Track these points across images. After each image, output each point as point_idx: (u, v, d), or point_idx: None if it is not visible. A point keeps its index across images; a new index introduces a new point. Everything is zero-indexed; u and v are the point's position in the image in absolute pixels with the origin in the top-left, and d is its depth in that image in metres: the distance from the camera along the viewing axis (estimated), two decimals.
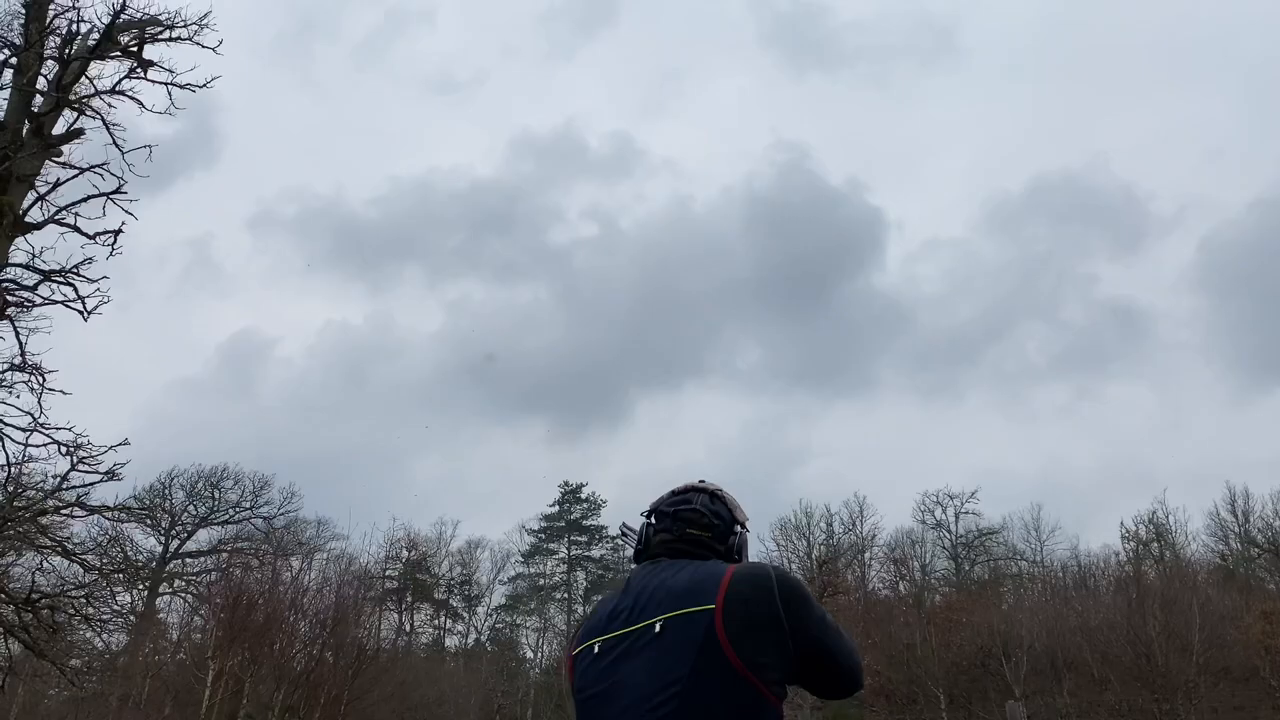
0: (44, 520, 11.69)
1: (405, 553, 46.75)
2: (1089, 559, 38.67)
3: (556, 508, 49.35)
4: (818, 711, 19.24)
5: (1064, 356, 69.08)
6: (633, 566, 2.09)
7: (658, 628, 1.86)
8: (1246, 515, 39.99)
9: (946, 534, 40.74)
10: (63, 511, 11.76)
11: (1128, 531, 39.67)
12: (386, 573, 45.56)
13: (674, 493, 2.18)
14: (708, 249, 78.66)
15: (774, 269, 76.51)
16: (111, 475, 11.58)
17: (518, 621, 46.50)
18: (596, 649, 1.93)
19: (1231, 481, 61.85)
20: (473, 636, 45.81)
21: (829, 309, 75.04)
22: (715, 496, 2.15)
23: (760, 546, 61.67)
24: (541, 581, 47.34)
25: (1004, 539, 40.95)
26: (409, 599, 45.95)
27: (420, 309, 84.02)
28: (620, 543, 48.60)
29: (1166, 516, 40.16)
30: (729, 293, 76.38)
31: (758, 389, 74.10)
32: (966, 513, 40.79)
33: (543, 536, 48.69)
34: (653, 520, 2.13)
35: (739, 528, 2.12)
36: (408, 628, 44.41)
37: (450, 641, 45.56)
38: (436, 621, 46.49)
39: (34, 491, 12.02)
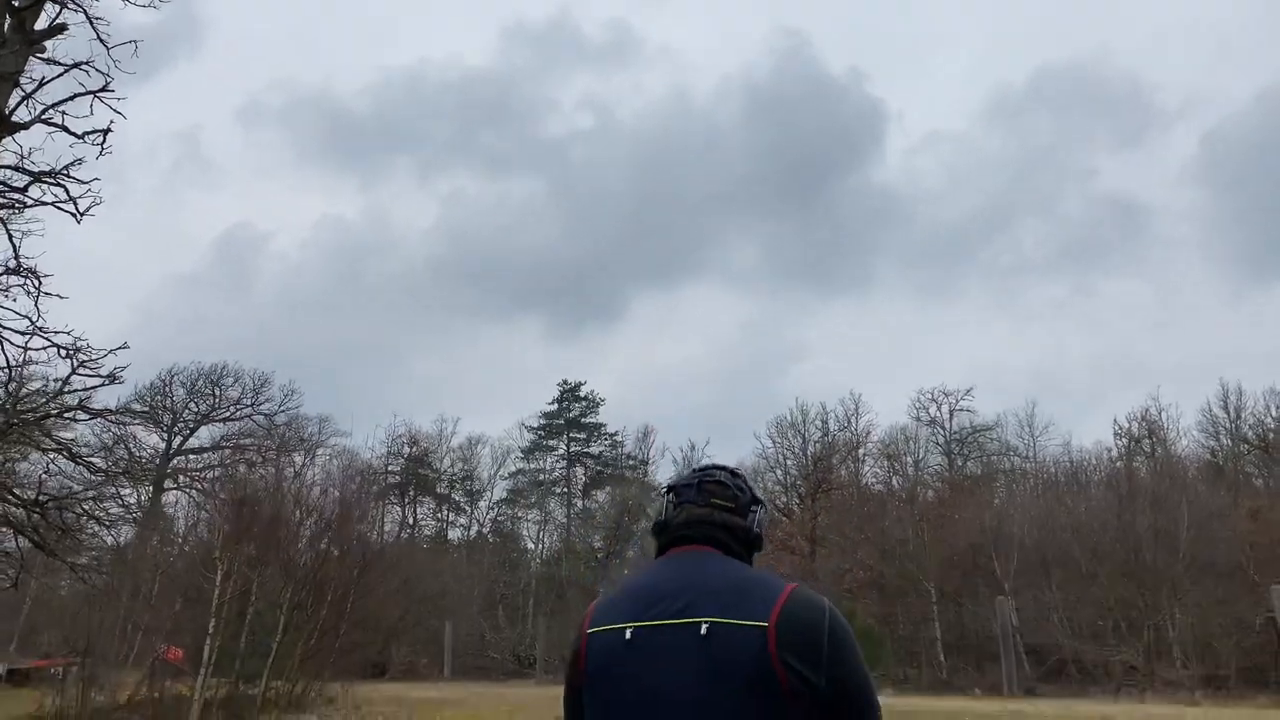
0: (47, 424, 11.76)
1: (407, 449, 47.36)
2: (1081, 455, 39.24)
3: (555, 405, 49.76)
4: None
5: (1061, 252, 68.61)
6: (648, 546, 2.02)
7: (704, 629, 1.76)
8: (1238, 412, 40.36)
9: (940, 431, 41.19)
10: (65, 415, 11.81)
11: (1120, 428, 40.12)
12: (389, 468, 46.24)
13: (694, 470, 2.13)
14: (706, 142, 77.34)
15: (772, 163, 75.41)
16: (112, 379, 11.60)
17: (518, 515, 47.33)
18: (629, 635, 1.82)
19: (1225, 378, 62.40)
20: (475, 529, 46.71)
21: (827, 204, 74.23)
22: (735, 473, 2.09)
23: (756, 444, 62.38)
24: (542, 477, 48.02)
25: (997, 435, 41.43)
26: (411, 494, 46.72)
27: (413, 203, 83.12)
28: (618, 442, 49.28)
29: (1159, 413, 40.56)
30: (726, 188, 75.44)
31: (755, 287, 73.90)
32: (961, 410, 41.18)
33: (542, 434, 49.20)
34: (673, 496, 2.06)
35: (758, 506, 2.05)
36: (410, 522, 45.26)
37: (453, 534, 46.49)
38: (439, 515, 47.38)
39: (36, 396, 12.06)
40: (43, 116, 11.45)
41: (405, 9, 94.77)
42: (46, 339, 11.45)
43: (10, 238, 11.38)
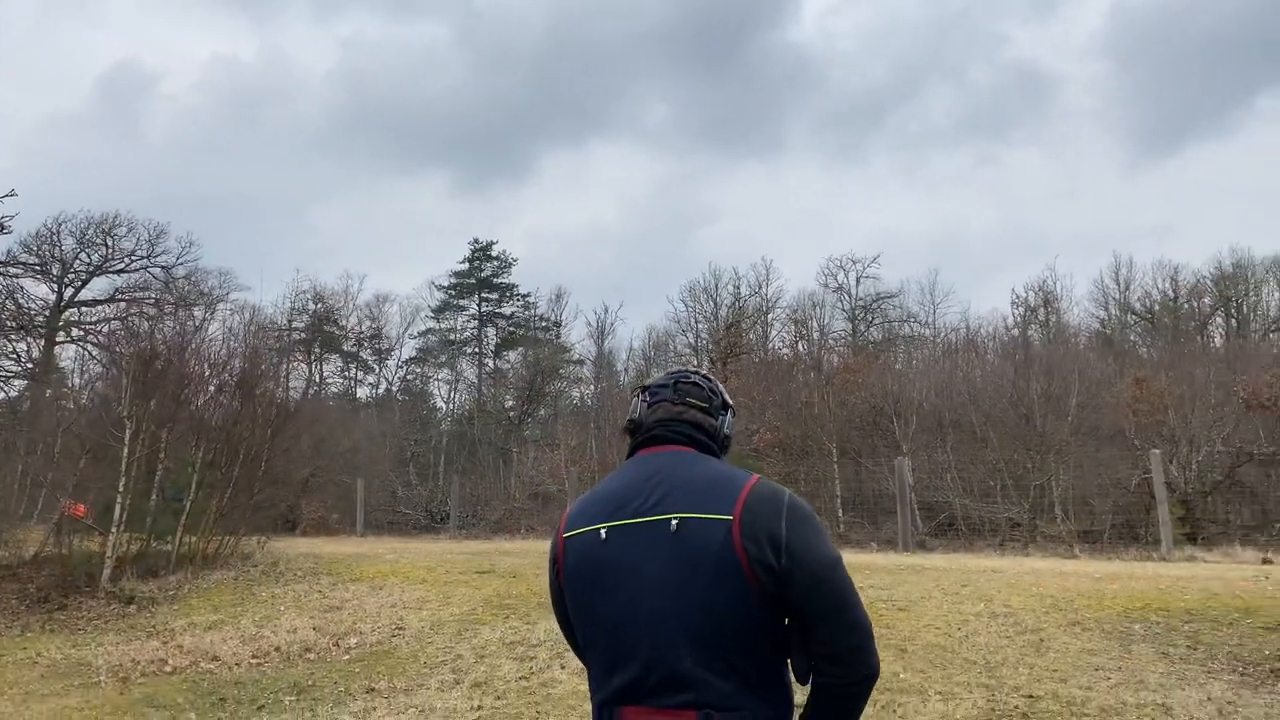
0: None
1: (312, 305, 46.40)
2: (978, 322, 40.69)
3: (466, 265, 49.06)
4: None
5: (967, 120, 69.29)
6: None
7: (674, 524, 1.84)
8: (1128, 284, 42.22)
9: (847, 297, 42.12)
10: None
11: (1018, 298, 41.63)
12: (293, 325, 45.33)
13: (668, 371, 2.16)
14: None
15: (686, 17, 73.59)
16: (1, 228, 11.02)
17: (428, 374, 47.16)
18: (604, 534, 1.90)
19: (1118, 250, 64.73)
20: (383, 387, 46.45)
21: (741, 64, 73.09)
22: (707, 376, 2.15)
23: (669, 308, 62.67)
24: (453, 337, 47.72)
25: (900, 303, 42.59)
26: (317, 351, 46.01)
27: (312, 46, 79.09)
28: (530, 303, 49.01)
29: (1055, 284, 42.16)
30: (638, 42, 73.55)
31: (666, 146, 73.07)
32: (867, 277, 42.06)
33: (453, 293, 48.62)
34: (646, 395, 2.10)
35: (729, 410, 2.13)
36: (317, 379, 44.76)
37: (361, 392, 46.18)
38: (347, 373, 46.90)
39: None
40: None
41: None
42: None
43: None
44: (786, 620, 1.86)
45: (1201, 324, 40.24)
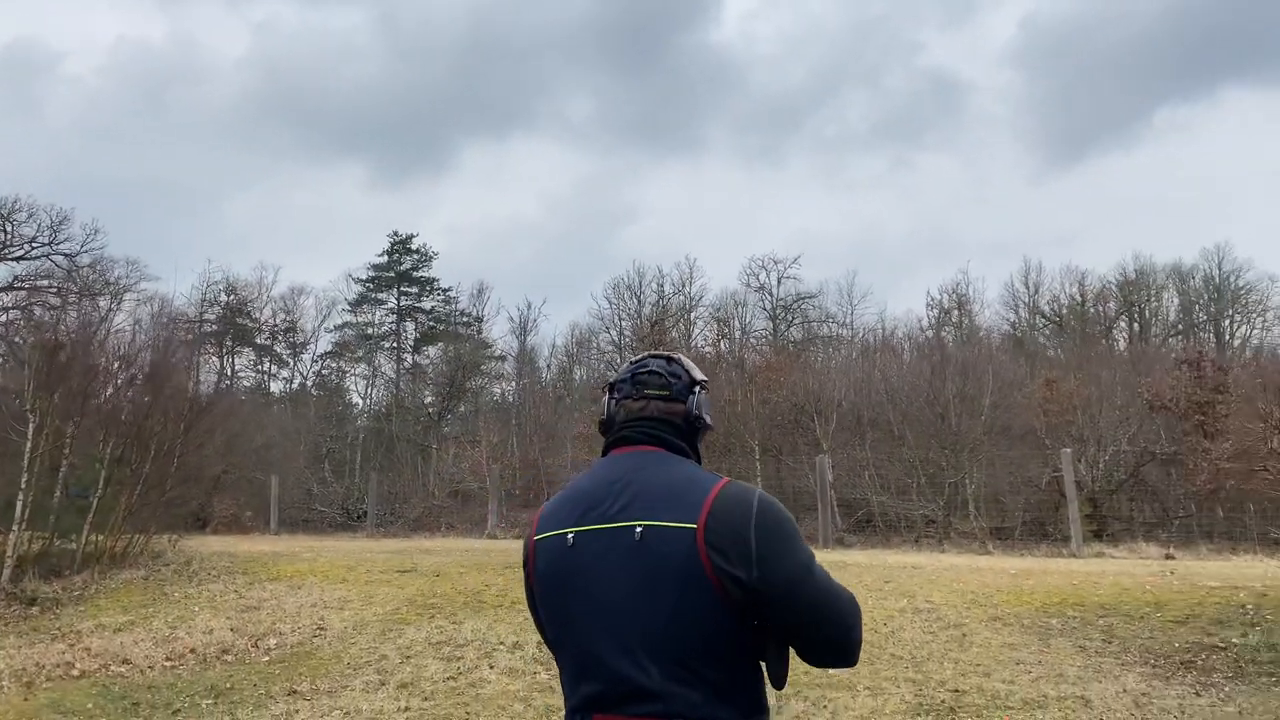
0: None
1: (224, 297, 45.17)
2: (894, 323, 41.55)
3: (385, 258, 48.23)
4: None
5: (883, 125, 70.65)
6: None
7: (638, 532, 1.79)
8: (1037, 288, 43.59)
9: (768, 297, 42.59)
10: None
11: (932, 300, 42.62)
12: (204, 317, 44.05)
13: (630, 363, 2.10)
14: None
15: (610, 12, 73.62)
16: None
17: (345, 369, 46.25)
18: (571, 539, 1.85)
19: (1028, 255, 66.71)
20: (298, 382, 45.43)
21: (663, 62, 73.39)
22: (671, 359, 2.07)
23: (593, 304, 62.58)
24: (370, 331, 46.87)
25: (819, 303, 43.25)
26: (229, 344, 44.80)
27: (224, 30, 76.96)
28: (451, 298, 48.40)
29: (968, 286, 43.28)
30: (562, 36, 73.30)
31: (589, 142, 72.99)
32: (788, 277, 42.60)
33: (371, 286, 47.77)
34: (613, 393, 2.04)
35: (698, 387, 2.05)
36: (229, 373, 43.57)
37: (274, 387, 45.09)
38: (260, 367, 45.75)
39: None
40: None
41: None
42: None
43: None
44: (757, 622, 1.80)
45: (1107, 328, 41.73)
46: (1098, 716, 5.54)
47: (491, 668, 7.15)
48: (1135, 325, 42.55)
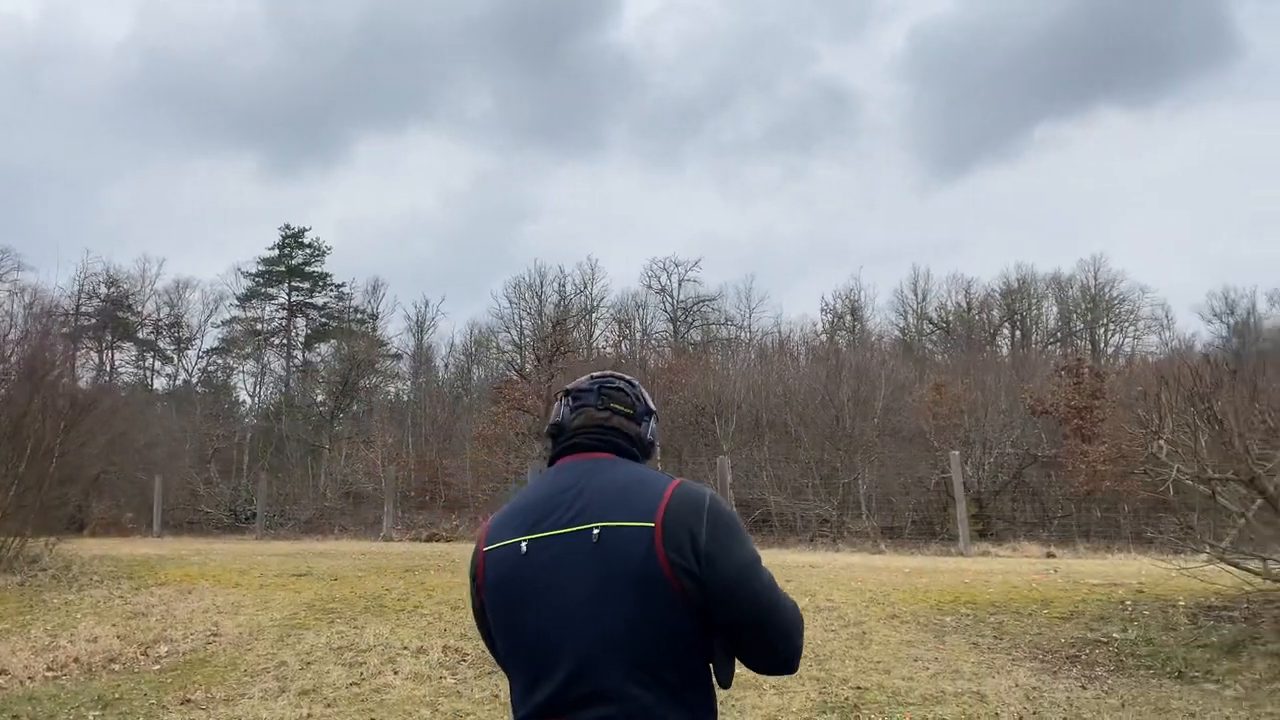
0: None
1: (104, 289, 43.27)
2: (790, 327, 42.41)
3: (276, 251, 46.91)
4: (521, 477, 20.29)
5: (777, 131, 72.01)
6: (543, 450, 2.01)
7: (595, 534, 1.78)
8: (925, 295, 45.05)
9: (669, 299, 42.95)
10: None
11: (827, 305, 43.65)
12: (82, 309, 42.13)
13: (591, 376, 2.10)
14: None
15: (509, 9, 73.19)
16: None
17: (232, 365, 44.82)
18: (525, 548, 1.83)
19: (916, 263, 68.82)
20: (183, 378, 43.82)
21: (563, 61, 73.34)
22: (632, 383, 2.10)
23: (492, 303, 62.01)
24: (260, 326, 45.52)
25: (719, 306, 43.84)
26: (109, 338, 42.94)
27: (105, 11, 73.81)
28: (345, 294, 47.32)
29: (860, 292, 44.45)
30: (460, 29, 72.57)
31: (487, 139, 72.48)
32: (688, 280, 43.06)
33: (261, 280, 46.39)
34: (569, 400, 2.04)
35: (650, 416, 2.08)
36: (109, 369, 41.75)
37: (158, 384, 43.40)
38: (142, 363, 43.94)
39: None
40: None
41: None
42: None
43: None
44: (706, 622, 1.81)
45: (991, 335, 43.39)
46: (993, 711, 5.76)
47: (396, 673, 7.03)
48: (1017, 332, 44.34)
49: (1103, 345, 42.40)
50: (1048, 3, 71.88)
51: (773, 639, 1.82)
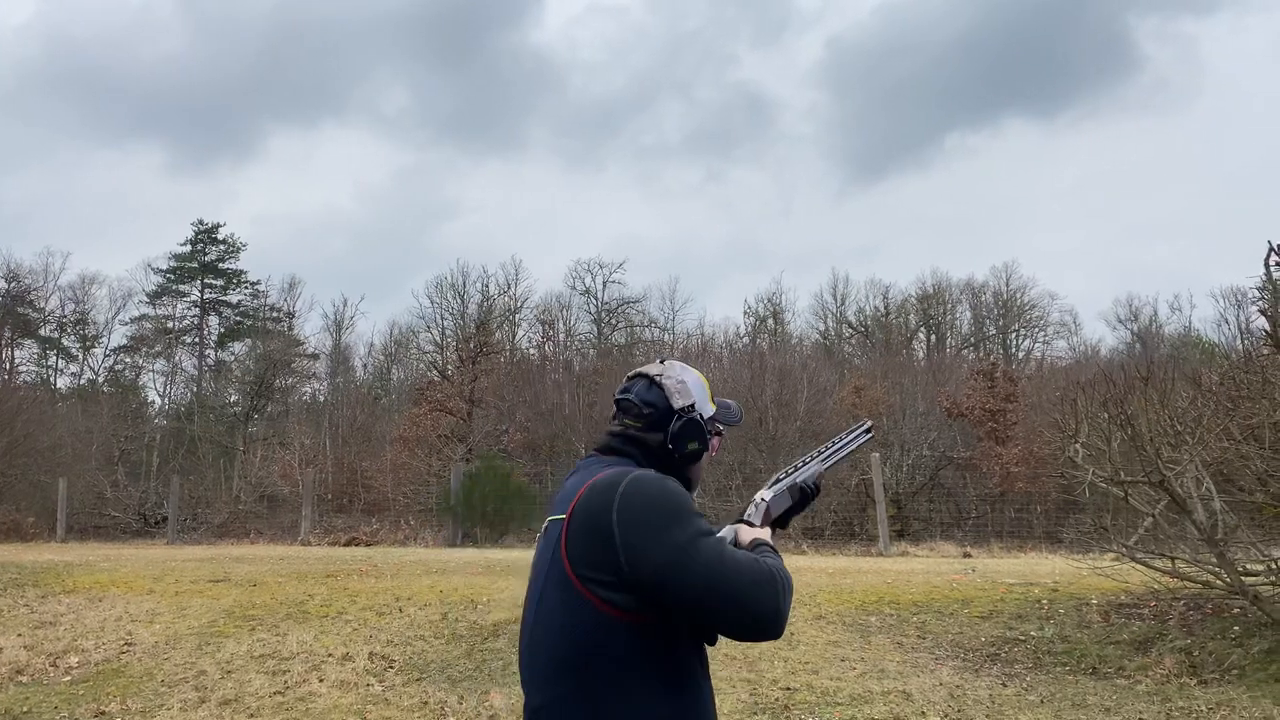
0: None
1: (3, 283, 41.56)
2: (713, 329, 42.74)
3: (188, 247, 45.60)
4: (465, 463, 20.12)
5: (696, 136, 72.59)
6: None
7: (545, 525, 1.84)
8: (844, 299, 45.82)
9: (593, 300, 42.91)
10: None
11: (749, 308, 44.11)
12: None
13: (628, 377, 2.07)
14: None
15: (426, 3, 72.46)
16: None
17: (141, 364, 43.41)
18: (545, 527, 1.88)
19: (835, 268, 70.00)
20: (88, 377, 42.30)
21: (482, 58, 72.87)
22: (653, 383, 1.97)
23: (414, 303, 61.17)
24: (171, 324, 44.19)
25: (643, 308, 43.96)
26: (8, 335, 41.24)
27: None
28: (260, 292, 46.15)
29: (781, 296, 45.05)
30: (376, 25, 71.63)
31: (405, 136, 71.61)
32: (613, 281, 43.07)
33: (172, 277, 45.05)
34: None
35: (676, 417, 1.93)
36: (8, 367, 40.09)
37: (61, 382, 41.82)
38: (44, 361, 42.31)
39: None
40: None
41: None
42: None
43: None
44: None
45: (908, 339, 44.34)
46: (919, 709, 5.88)
47: (321, 681, 6.90)
48: (933, 337, 45.39)
49: (1014, 350, 43.64)
50: (959, 14, 73.76)
51: (730, 614, 1.62)
